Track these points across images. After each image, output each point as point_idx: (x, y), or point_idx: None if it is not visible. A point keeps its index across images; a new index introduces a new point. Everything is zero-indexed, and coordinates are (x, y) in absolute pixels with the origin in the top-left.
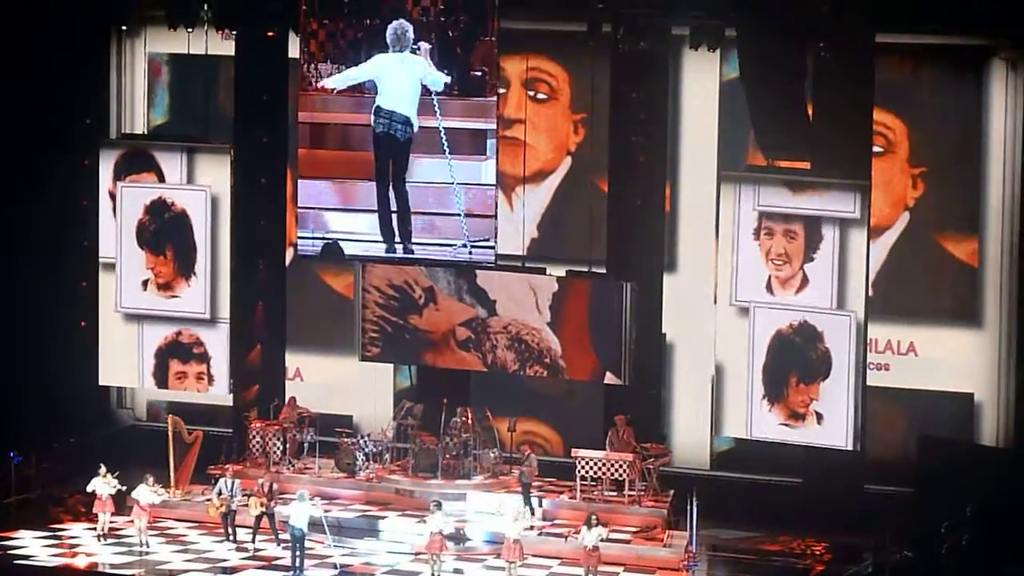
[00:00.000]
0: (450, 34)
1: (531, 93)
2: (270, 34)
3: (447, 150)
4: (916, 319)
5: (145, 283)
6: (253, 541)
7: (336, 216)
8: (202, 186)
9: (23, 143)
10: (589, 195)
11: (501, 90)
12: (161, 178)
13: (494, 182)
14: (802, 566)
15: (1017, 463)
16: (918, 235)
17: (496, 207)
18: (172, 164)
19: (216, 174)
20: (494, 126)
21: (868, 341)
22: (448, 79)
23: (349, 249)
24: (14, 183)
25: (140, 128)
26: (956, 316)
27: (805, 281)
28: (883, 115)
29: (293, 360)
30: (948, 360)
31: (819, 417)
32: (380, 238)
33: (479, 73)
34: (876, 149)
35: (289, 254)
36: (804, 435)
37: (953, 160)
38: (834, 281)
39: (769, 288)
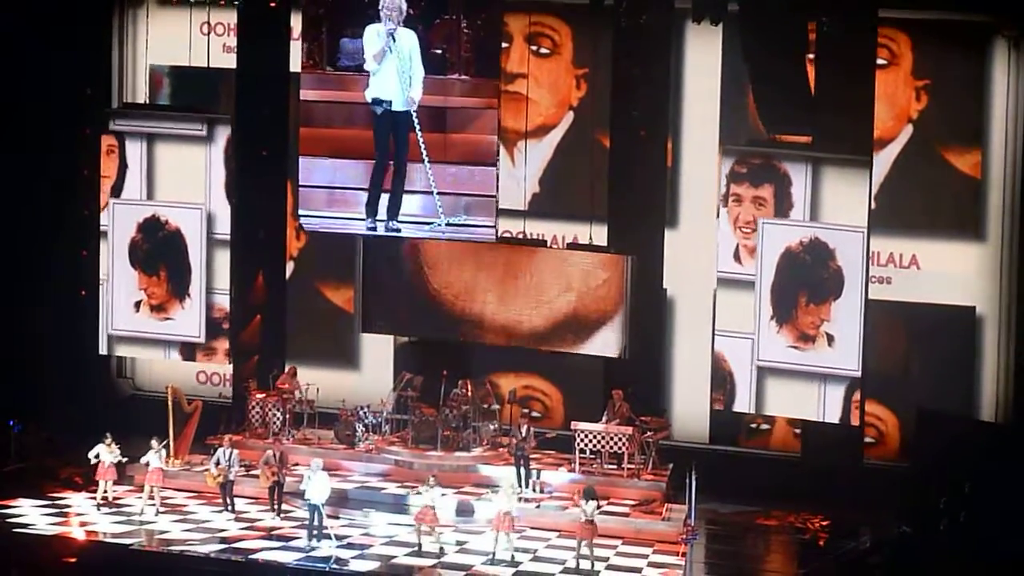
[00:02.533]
0: (411, 12)
1: (534, 48)
2: (272, 4)
3: (417, 128)
4: (918, 232)
5: (138, 304)
6: (277, 513)
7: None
8: (197, 204)
9: (24, 113)
10: (591, 150)
11: (504, 44)
12: (122, 147)
13: (496, 151)
14: (800, 540)
15: (1015, 439)
16: (921, 148)
17: (497, 184)
18: (134, 146)
19: (181, 156)
20: (452, 105)
21: (870, 254)
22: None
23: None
24: (15, 152)
25: (141, 98)
26: (959, 229)
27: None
28: (887, 29)
29: None
30: (950, 273)
31: (830, 339)
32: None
33: (439, 51)
34: (880, 61)
35: (290, 267)
36: (814, 358)
37: (957, 72)
38: (761, 304)
39: (737, 257)
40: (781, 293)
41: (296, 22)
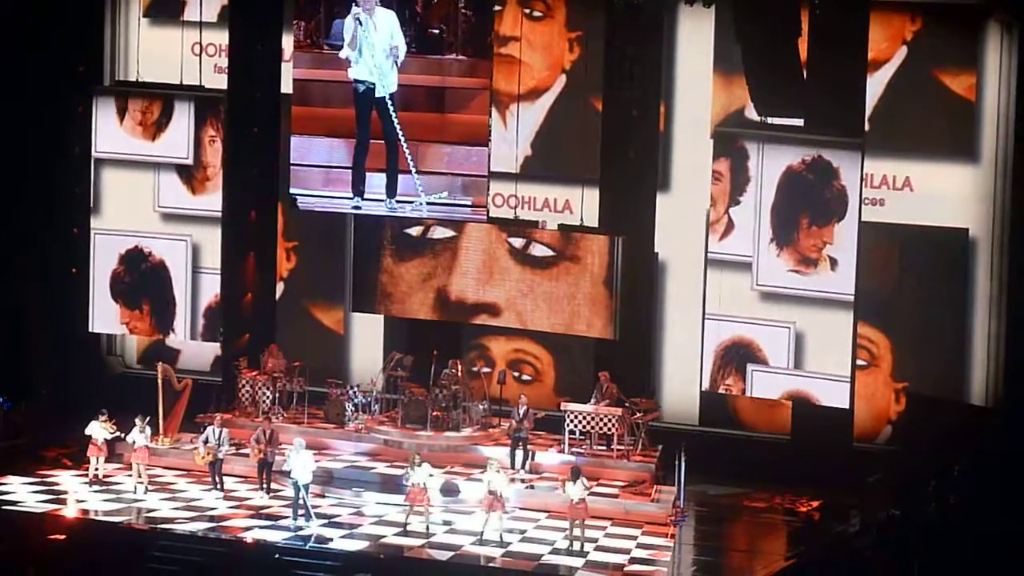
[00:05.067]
0: None
1: (527, 11)
2: None
3: (391, 109)
4: (912, 154)
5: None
6: (268, 492)
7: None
8: (183, 235)
9: (16, 90)
10: (583, 113)
11: (496, 7)
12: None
13: (488, 132)
14: (789, 522)
15: (1004, 422)
16: (916, 69)
17: (489, 164)
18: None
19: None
20: (449, 85)
21: (864, 177)
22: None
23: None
24: (5, 129)
25: (133, 76)
26: (952, 151)
27: (731, 225)
28: (880, 11)
29: None
30: (944, 195)
31: (833, 262)
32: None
33: (436, 31)
34: None
35: (280, 288)
36: (815, 282)
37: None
38: (760, 226)
39: None
40: (782, 214)
41: (288, 43)
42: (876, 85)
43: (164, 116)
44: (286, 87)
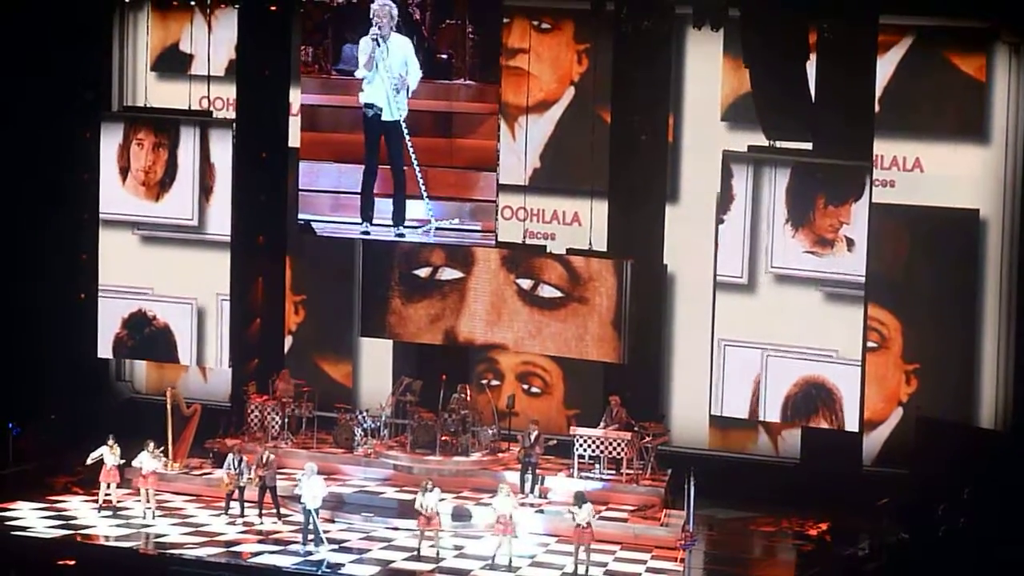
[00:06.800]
0: (417, 17)
1: (535, 23)
2: (272, 8)
3: (407, 135)
4: (922, 135)
5: None
6: (278, 516)
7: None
8: (188, 298)
9: (24, 116)
10: (592, 125)
11: (504, 20)
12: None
13: (496, 157)
14: (799, 546)
15: (1014, 446)
16: (926, 50)
17: (497, 188)
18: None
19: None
20: (457, 110)
21: (874, 158)
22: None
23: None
24: (15, 155)
25: (141, 101)
26: (963, 132)
27: (716, 245)
28: (888, 34)
29: None
30: (954, 176)
31: (850, 243)
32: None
33: (445, 56)
34: None
35: (288, 342)
36: (831, 264)
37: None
38: (746, 247)
39: None
40: (797, 194)
41: (295, 97)
42: (887, 65)
43: (168, 176)
44: (294, 140)
